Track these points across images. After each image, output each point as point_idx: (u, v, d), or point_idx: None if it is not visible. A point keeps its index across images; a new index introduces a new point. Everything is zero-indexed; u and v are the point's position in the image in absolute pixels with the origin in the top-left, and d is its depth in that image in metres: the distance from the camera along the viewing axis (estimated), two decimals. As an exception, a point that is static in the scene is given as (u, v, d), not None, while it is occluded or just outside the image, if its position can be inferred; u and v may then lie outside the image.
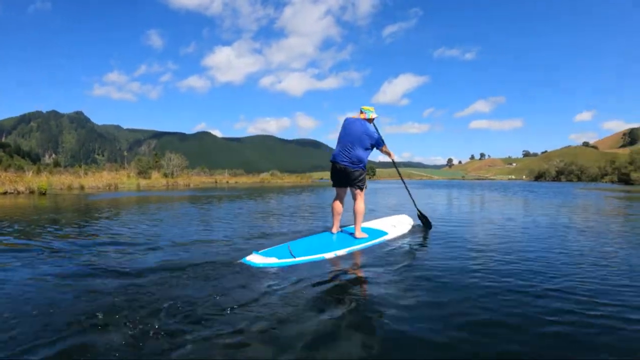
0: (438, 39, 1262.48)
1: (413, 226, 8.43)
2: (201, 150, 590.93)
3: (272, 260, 5.16)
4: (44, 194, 25.36)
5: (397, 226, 7.95)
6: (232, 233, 8.20)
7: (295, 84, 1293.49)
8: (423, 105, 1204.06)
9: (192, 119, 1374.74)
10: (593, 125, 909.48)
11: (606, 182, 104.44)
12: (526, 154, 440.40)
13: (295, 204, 18.19)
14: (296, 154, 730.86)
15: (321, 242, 6.41)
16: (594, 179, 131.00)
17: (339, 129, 7.21)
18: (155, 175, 48.99)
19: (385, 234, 7.31)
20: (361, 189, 6.84)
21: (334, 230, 7.12)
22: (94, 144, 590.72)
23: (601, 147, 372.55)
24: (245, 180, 68.42)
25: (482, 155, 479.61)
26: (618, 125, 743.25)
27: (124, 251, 6.28)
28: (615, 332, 3.21)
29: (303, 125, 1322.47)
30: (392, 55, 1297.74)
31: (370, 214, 8.96)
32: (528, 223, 10.45)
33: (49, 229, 8.69)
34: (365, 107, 7.21)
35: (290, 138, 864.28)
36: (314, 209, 14.95)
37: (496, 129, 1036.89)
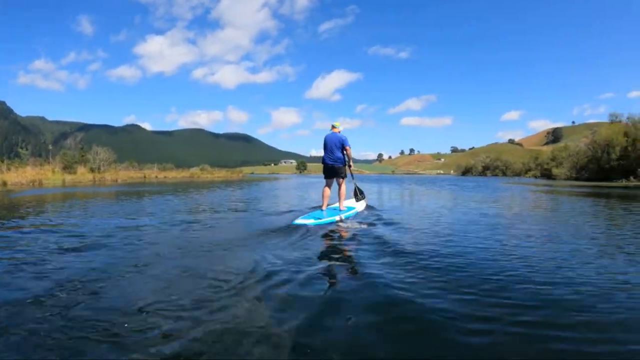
0: (373, 37, 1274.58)
1: (366, 205, 13.15)
2: (130, 144, 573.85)
3: (311, 221, 9.18)
4: (-39, 191, 24.14)
5: (357, 205, 12.15)
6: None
7: (229, 76, 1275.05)
8: (355, 101, 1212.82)
9: (121, 110, 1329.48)
10: (519, 124, 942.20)
11: (529, 176, 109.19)
12: (454, 150, 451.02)
13: (245, 196, 19.20)
14: (227, 148, 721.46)
15: (327, 213, 10.30)
16: (518, 174, 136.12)
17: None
18: (81, 170, 47.81)
19: (354, 208, 11.65)
20: (343, 178, 10.81)
21: (324, 207, 10.82)
22: (17, 136, 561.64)
23: (526, 145, 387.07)
24: (175, 175, 67.74)
25: (412, 150, 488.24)
26: (543, 125, 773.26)
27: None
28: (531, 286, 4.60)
29: (235, 119, 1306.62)
30: (327, 51, 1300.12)
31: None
32: (450, 209, 14.17)
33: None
34: (336, 124, 10.84)
35: (221, 132, 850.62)
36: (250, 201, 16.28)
37: (427, 126, 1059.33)
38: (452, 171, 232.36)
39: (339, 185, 10.90)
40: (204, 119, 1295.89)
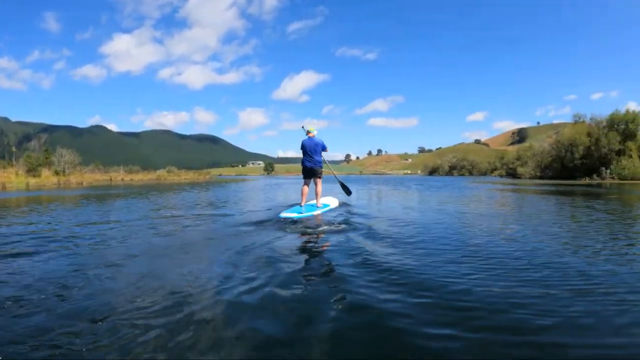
0: (341, 38, 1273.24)
1: (339, 203, 14.30)
2: (96, 145, 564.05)
3: (295, 215, 10.52)
4: None
5: (331, 202, 13.60)
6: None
7: (196, 77, 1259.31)
8: (323, 102, 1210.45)
9: (85, 111, 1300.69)
10: (485, 124, 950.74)
11: (495, 175, 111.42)
12: (421, 150, 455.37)
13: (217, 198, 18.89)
14: (194, 149, 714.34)
15: (305, 209, 11.43)
16: (484, 174, 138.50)
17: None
18: (45, 173, 46.85)
19: (328, 205, 13.00)
20: (320, 178, 11.87)
21: (302, 203, 11.91)
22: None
23: (492, 145, 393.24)
24: (141, 177, 66.85)
25: (379, 151, 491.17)
26: (508, 125, 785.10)
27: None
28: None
29: (202, 120, 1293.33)
30: (295, 51, 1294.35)
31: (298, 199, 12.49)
32: (416, 209, 15.12)
33: None
34: (311, 128, 11.80)
35: (188, 133, 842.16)
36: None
37: (394, 127, 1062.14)
38: (419, 171, 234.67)
39: (316, 184, 11.97)
40: (171, 120, 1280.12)
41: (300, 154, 11.74)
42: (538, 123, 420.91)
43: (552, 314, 3.83)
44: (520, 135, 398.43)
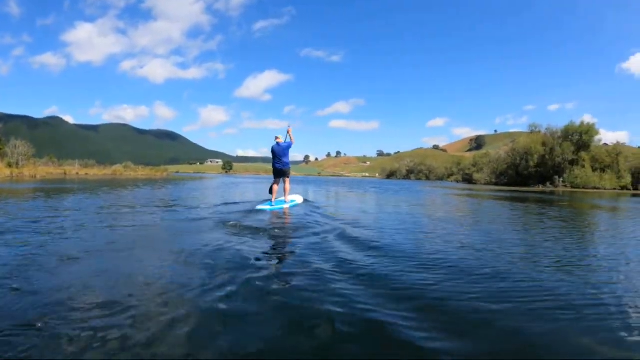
0: (307, 39, 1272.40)
1: (303, 199, 16.45)
2: (51, 138, 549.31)
3: (267, 207, 12.77)
4: None
5: (297, 199, 15.83)
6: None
7: (157, 71, 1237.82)
8: (284, 102, 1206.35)
9: (42, 101, 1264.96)
10: (445, 130, 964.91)
11: (452, 181, 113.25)
12: (380, 154, 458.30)
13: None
14: (153, 145, 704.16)
15: (276, 203, 13.44)
16: (440, 178, 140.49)
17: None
18: (-3, 165, 45.55)
19: (294, 201, 15.13)
20: (288, 178, 13.96)
21: (273, 199, 13.59)
22: None
23: (450, 151, 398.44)
24: (97, 172, 65.12)
25: (338, 153, 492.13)
26: (466, 132, 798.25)
27: None
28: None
29: (161, 115, 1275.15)
30: (260, 50, 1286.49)
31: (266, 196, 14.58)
32: (371, 213, 14.64)
33: None
34: (279, 137, 13.52)
35: (147, 128, 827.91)
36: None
37: (354, 129, 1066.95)
38: (377, 174, 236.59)
39: (285, 183, 14.06)
40: (130, 114, 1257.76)
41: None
42: (496, 131, 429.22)
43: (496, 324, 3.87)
44: (478, 142, 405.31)
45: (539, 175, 64.57)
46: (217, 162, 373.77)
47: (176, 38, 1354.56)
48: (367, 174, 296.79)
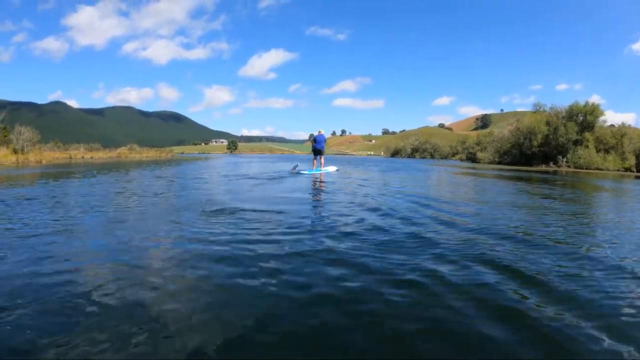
0: (313, 17, 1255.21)
1: (337, 169, 27.92)
2: (57, 122, 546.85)
3: (307, 172, 24.01)
4: None
5: (330, 169, 26.88)
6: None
7: (161, 52, 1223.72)
8: (290, 81, 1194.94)
9: (46, 86, 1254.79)
10: (450, 109, 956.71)
11: (456, 159, 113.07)
12: (385, 132, 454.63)
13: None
14: (158, 127, 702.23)
15: (316, 170, 24.32)
16: (445, 157, 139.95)
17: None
18: (3, 151, 45.71)
19: (327, 170, 26.26)
20: (322, 156, 24.87)
21: (313, 168, 24.74)
22: None
23: (456, 129, 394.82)
24: (102, 155, 65.47)
25: (343, 131, 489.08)
26: (473, 111, 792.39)
27: None
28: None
29: (166, 97, 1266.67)
30: (265, 28, 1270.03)
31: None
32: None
33: None
34: (321, 130, 24.85)
35: (152, 110, 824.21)
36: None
37: (359, 108, 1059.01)
38: (382, 152, 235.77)
39: (321, 158, 24.93)
40: (134, 96, 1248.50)
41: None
42: (502, 110, 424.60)
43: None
44: (484, 121, 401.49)
45: (543, 154, 64.50)
46: (222, 142, 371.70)
47: (179, 18, 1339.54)
48: (372, 153, 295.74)
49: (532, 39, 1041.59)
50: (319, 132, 24.80)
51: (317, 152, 24.73)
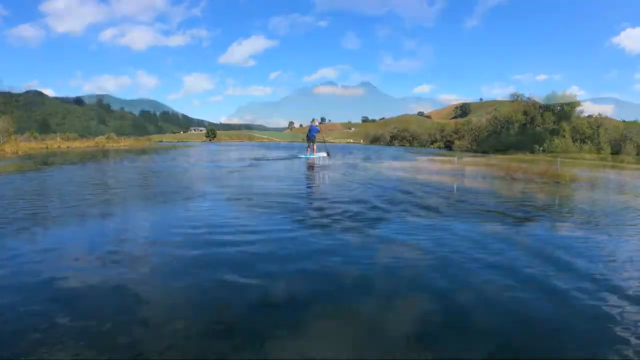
0: (294, 3, 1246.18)
1: (328, 154, 30.52)
2: (33, 112, 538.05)
3: (303, 156, 29.11)
4: None
5: (322, 154, 29.67)
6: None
7: (139, 39, 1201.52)
8: (270, 68, 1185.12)
9: (21, 75, 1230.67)
10: (430, 97, 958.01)
11: (434, 147, 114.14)
12: (365, 120, 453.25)
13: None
14: (136, 115, 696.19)
15: (309, 154, 28.43)
16: (423, 145, 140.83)
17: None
18: (-22, 143, 45.02)
19: (319, 156, 28.88)
20: (314, 143, 28.62)
21: (307, 153, 28.91)
22: None
23: (435, 118, 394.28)
24: (79, 144, 64.59)
25: (322, 119, 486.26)
26: (452, 99, 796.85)
27: None
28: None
29: (145, 84, 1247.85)
30: (245, 15, 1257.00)
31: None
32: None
33: None
34: (315, 119, 28.76)
35: (130, 98, 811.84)
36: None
37: (340, 95, 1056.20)
38: (361, 140, 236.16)
39: (314, 145, 28.31)
40: (112, 84, 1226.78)
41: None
42: (481, 99, 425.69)
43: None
44: (463, 110, 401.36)
45: (520, 143, 65.22)
46: (201, 130, 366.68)
47: (159, 5, 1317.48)
48: (351, 140, 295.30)
49: (513, 29, 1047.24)
50: (313, 121, 28.33)
51: (309, 139, 28.54)
